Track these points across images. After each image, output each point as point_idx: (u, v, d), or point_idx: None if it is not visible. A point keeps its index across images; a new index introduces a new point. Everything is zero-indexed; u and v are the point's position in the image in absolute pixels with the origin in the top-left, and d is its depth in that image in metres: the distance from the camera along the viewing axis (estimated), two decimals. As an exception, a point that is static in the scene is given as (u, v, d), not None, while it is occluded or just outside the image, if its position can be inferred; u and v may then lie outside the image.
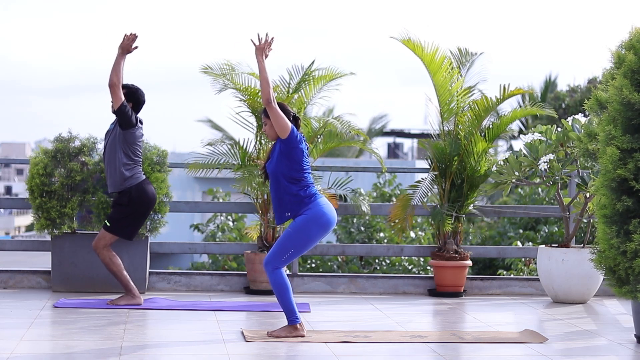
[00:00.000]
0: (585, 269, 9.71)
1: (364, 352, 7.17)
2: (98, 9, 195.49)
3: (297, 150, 7.47)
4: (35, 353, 6.90)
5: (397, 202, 10.63)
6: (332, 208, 7.57)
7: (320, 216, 7.48)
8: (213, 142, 10.36)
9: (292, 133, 7.46)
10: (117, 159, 9.07)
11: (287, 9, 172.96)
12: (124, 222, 9.14)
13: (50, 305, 9.02)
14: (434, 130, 10.74)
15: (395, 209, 10.53)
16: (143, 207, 9.18)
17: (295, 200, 7.49)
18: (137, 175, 9.14)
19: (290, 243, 7.47)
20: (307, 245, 7.51)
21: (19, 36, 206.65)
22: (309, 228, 7.46)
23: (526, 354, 7.21)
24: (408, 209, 10.46)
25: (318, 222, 7.47)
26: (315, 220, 7.47)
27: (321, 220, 7.48)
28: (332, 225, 7.54)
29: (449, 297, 10.23)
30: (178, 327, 8.11)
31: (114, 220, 9.12)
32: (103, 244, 9.10)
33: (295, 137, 7.47)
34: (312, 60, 10.46)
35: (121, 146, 9.06)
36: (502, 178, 10.01)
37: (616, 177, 7.46)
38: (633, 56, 7.48)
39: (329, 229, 7.54)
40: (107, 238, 9.12)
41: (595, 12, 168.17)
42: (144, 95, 9.24)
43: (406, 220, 10.48)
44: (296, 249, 7.47)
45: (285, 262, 7.49)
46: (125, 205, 9.10)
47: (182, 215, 24.78)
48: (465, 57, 10.67)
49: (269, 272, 7.50)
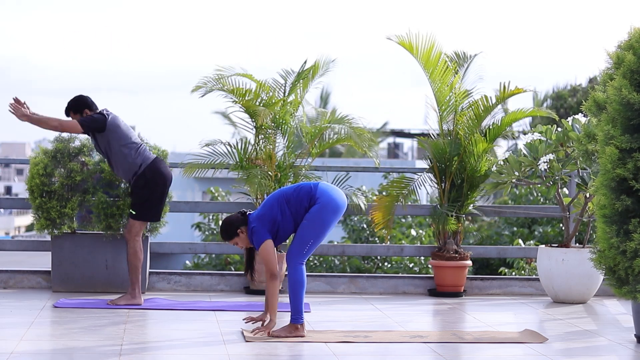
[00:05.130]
0: (585, 269, 9.71)
1: (364, 352, 7.18)
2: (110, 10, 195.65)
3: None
4: (35, 353, 6.90)
5: (378, 202, 10.59)
6: (339, 192, 7.69)
7: (329, 202, 7.58)
8: (211, 142, 10.35)
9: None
10: (119, 152, 9.06)
11: (287, 9, 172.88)
12: (146, 205, 9.14)
13: (50, 305, 9.02)
14: (434, 130, 10.74)
15: (377, 210, 10.50)
16: (160, 186, 9.17)
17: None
18: (146, 154, 9.16)
19: (308, 234, 7.56)
20: (324, 232, 7.61)
21: (39, 38, 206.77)
22: (322, 216, 7.56)
23: (526, 354, 7.21)
24: (392, 209, 10.46)
25: (328, 208, 7.57)
26: (326, 207, 7.57)
27: (331, 206, 7.58)
28: (342, 208, 7.66)
29: (449, 297, 10.23)
30: (178, 327, 8.11)
31: (137, 206, 9.13)
32: (134, 232, 9.12)
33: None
34: (304, 61, 10.47)
35: (114, 142, 9.06)
36: (502, 178, 10.02)
37: (615, 176, 7.46)
38: (632, 56, 7.48)
39: (341, 212, 7.67)
40: (136, 226, 9.13)
41: (595, 12, 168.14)
42: (85, 97, 9.19)
43: (390, 221, 10.49)
44: (315, 238, 7.57)
45: (307, 254, 7.59)
46: (142, 188, 9.11)
47: (182, 215, 24.78)
48: (464, 60, 10.69)
49: (292, 267, 7.55)
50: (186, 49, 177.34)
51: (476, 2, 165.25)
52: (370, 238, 18.14)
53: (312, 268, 17.96)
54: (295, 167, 10.33)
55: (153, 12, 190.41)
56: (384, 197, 10.65)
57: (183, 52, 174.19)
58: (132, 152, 9.09)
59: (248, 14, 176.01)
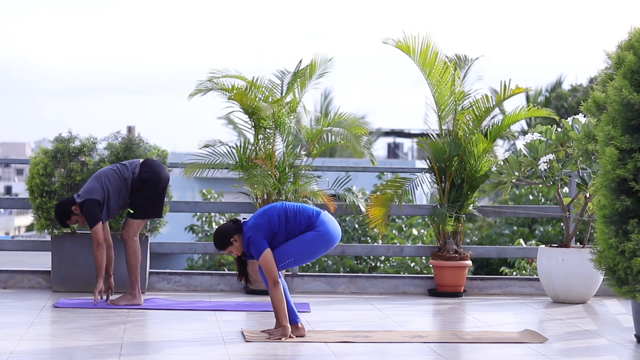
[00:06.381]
0: (585, 269, 9.71)
1: (364, 352, 7.18)
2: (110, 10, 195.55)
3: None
4: (35, 353, 6.90)
5: (373, 202, 10.60)
6: (337, 226, 7.68)
7: (326, 234, 7.58)
8: (210, 143, 10.35)
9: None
10: (117, 191, 9.06)
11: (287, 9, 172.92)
12: (146, 205, 9.13)
13: (50, 305, 9.02)
14: (433, 131, 10.74)
15: (372, 209, 10.51)
16: (158, 185, 9.15)
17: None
18: (133, 166, 9.13)
19: (293, 252, 7.56)
20: (308, 259, 7.67)
21: (39, 38, 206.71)
22: (314, 244, 7.57)
23: (526, 354, 7.21)
24: (387, 208, 10.47)
25: (323, 239, 7.58)
26: (321, 237, 7.57)
27: (326, 238, 7.59)
28: (335, 242, 7.67)
29: (449, 297, 10.23)
30: (178, 327, 8.11)
31: (136, 206, 9.12)
32: (132, 232, 9.10)
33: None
34: (299, 60, 10.48)
35: (118, 192, 9.07)
36: (502, 178, 10.01)
37: (615, 177, 7.46)
38: (632, 56, 7.47)
39: (332, 247, 7.67)
40: (134, 225, 9.12)
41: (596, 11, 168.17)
42: (60, 204, 9.08)
43: (385, 220, 10.50)
44: (296, 259, 7.58)
45: (281, 268, 7.55)
46: (141, 190, 9.10)
47: (181, 215, 24.75)
48: (465, 62, 10.69)
49: (263, 276, 7.57)
50: (186, 49, 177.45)
51: (476, 3, 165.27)
52: (362, 238, 18.14)
53: (307, 268, 17.94)
54: (295, 167, 10.33)
55: (153, 12, 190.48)
56: (379, 196, 10.65)
57: (183, 52, 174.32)
58: (122, 182, 9.07)
59: (248, 14, 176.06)
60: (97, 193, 8.94)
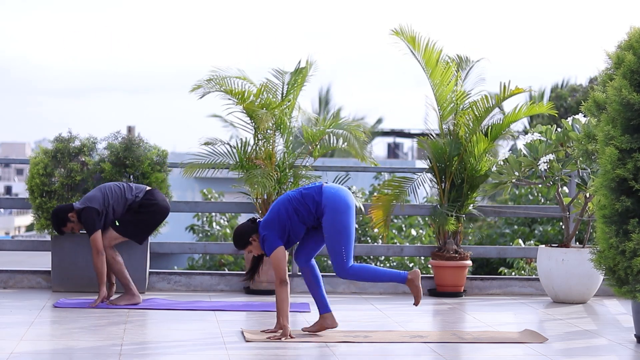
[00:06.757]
0: (585, 269, 9.71)
1: (364, 352, 7.17)
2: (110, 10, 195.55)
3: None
4: (35, 353, 6.90)
5: (375, 202, 10.59)
6: (343, 191, 7.62)
7: (338, 206, 7.52)
8: (211, 141, 10.34)
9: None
10: (117, 204, 9.08)
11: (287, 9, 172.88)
12: (134, 227, 9.11)
13: (50, 305, 9.02)
14: (434, 130, 10.74)
15: (375, 211, 10.51)
16: (154, 216, 9.18)
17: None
18: (139, 190, 9.16)
19: (336, 242, 7.53)
20: (349, 232, 7.54)
21: (39, 38, 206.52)
22: (337, 222, 7.52)
23: (526, 354, 7.21)
24: (390, 209, 10.47)
25: (339, 211, 7.52)
26: (336, 212, 7.52)
27: (341, 208, 7.53)
28: (352, 205, 7.59)
29: (449, 297, 10.23)
30: (178, 327, 8.11)
31: (125, 222, 9.10)
32: (107, 243, 9.04)
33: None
34: (297, 61, 10.48)
35: (115, 208, 9.07)
36: (502, 178, 10.01)
37: (615, 177, 7.46)
38: (632, 56, 7.47)
39: (353, 208, 7.58)
40: (113, 237, 9.08)
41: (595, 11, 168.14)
42: (57, 210, 9.11)
43: (387, 221, 10.50)
44: (344, 242, 7.51)
45: (348, 257, 7.52)
46: (137, 212, 9.10)
47: (182, 215, 24.74)
48: (466, 63, 10.70)
49: (349, 276, 7.58)
50: (186, 49, 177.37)
51: (476, 3, 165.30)
52: (362, 238, 18.14)
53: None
54: (296, 168, 10.33)
55: (153, 12, 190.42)
56: (382, 196, 10.65)
57: (183, 52, 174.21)
58: (122, 201, 9.07)
59: (248, 14, 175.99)
60: (97, 202, 8.95)
